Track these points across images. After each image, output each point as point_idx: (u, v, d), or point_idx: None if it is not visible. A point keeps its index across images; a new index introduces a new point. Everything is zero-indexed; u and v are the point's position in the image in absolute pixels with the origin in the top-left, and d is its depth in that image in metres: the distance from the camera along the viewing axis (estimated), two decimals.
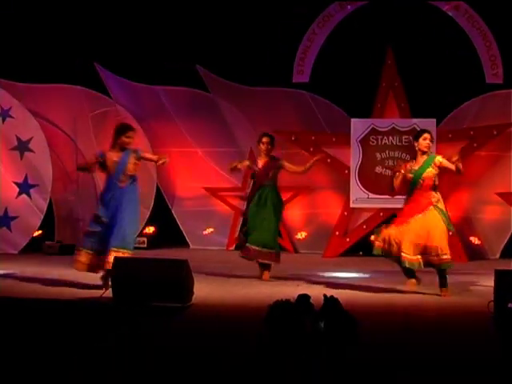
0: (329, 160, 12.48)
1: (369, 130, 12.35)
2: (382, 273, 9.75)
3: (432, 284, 9.02)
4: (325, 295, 5.51)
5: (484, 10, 12.22)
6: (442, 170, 8.31)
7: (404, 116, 12.37)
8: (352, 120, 12.41)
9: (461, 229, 12.14)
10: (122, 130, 8.57)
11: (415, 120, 12.24)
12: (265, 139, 9.66)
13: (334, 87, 12.44)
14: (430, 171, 8.24)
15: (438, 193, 8.31)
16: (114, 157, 8.42)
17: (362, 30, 12.40)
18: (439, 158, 8.31)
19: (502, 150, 12.10)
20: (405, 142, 12.21)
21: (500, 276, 7.12)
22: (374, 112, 12.48)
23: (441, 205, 8.32)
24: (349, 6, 12.67)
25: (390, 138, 12.22)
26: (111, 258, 7.83)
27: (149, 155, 9.10)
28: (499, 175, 12.05)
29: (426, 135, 8.32)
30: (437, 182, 8.27)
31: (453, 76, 11.97)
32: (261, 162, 9.61)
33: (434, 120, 12.18)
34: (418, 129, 12.05)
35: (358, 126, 12.38)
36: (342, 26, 12.65)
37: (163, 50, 12.61)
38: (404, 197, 8.51)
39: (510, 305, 6.77)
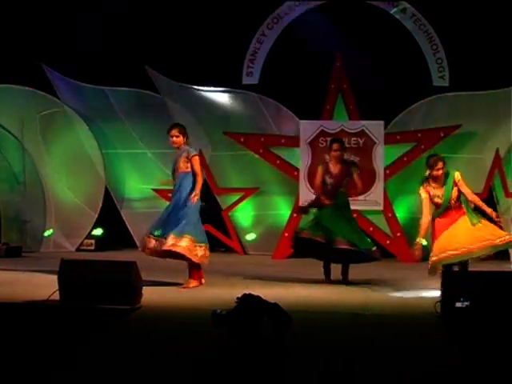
0: (278, 162, 12.53)
1: (318, 131, 12.41)
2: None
3: (381, 284, 9.13)
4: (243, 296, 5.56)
5: (430, 14, 12.37)
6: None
7: (353, 118, 12.46)
8: (301, 122, 12.47)
9: (409, 230, 12.27)
10: (167, 130, 8.96)
11: (364, 122, 12.35)
12: (335, 146, 9.46)
13: (283, 89, 12.48)
14: (454, 191, 8.25)
15: (464, 201, 8.31)
16: (174, 155, 9.01)
17: (311, 33, 12.45)
18: (458, 176, 8.28)
19: (448, 152, 12.24)
20: (353, 143, 12.30)
21: (447, 276, 7.20)
22: (323, 114, 12.55)
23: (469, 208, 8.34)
24: (297, 8, 12.73)
25: None
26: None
27: (194, 164, 8.85)
28: None
29: (440, 165, 8.25)
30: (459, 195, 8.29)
31: (400, 79, 12.10)
32: (335, 170, 9.41)
33: (382, 122, 12.31)
34: (367, 131, 12.29)
35: (308, 128, 12.44)
36: (291, 28, 12.71)
37: (111, 50, 12.52)
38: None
39: (456, 304, 6.85)
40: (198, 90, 12.80)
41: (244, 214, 12.94)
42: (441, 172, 8.28)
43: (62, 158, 12.98)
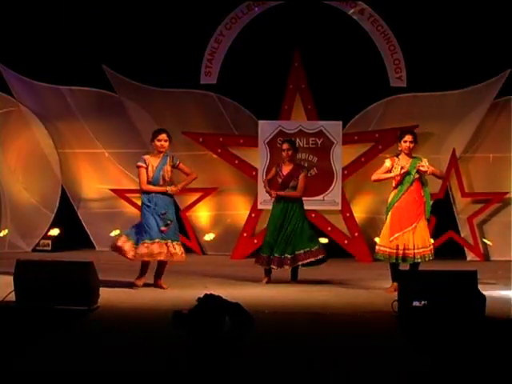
0: (236, 161, 12.51)
1: (276, 131, 12.42)
2: (288, 274, 9.80)
3: (339, 284, 9.17)
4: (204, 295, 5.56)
5: (388, 15, 12.46)
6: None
7: (311, 118, 12.48)
8: (259, 122, 12.47)
9: (365, 229, 12.37)
10: (154, 134, 8.92)
11: (322, 122, 12.39)
12: (285, 146, 9.50)
13: (241, 89, 12.47)
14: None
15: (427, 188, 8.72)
16: (153, 162, 8.80)
17: (269, 33, 12.47)
18: (425, 162, 8.68)
19: None
20: (312, 144, 12.34)
21: (403, 276, 7.25)
22: (282, 114, 12.56)
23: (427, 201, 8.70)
24: (256, 8, 12.72)
25: (298, 139, 12.29)
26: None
27: (184, 167, 9.09)
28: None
29: (407, 137, 8.64)
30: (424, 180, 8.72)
31: (358, 79, 12.15)
32: (285, 170, 9.47)
33: (340, 122, 12.35)
34: (325, 131, 12.34)
35: (266, 128, 12.44)
36: (249, 27, 12.70)
37: (68, 48, 12.41)
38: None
39: (413, 303, 6.90)
40: (156, 89, 12.72)
41: (202, 214, 12.91)
42: (408, 145, 8.62)
43: (18, 158, 12.82)
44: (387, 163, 8.71)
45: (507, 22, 11.86)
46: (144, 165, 8.81)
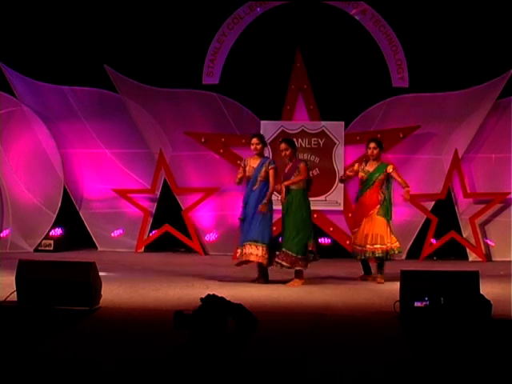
0: (238, 162, 12.49)
1: (278, 132, 12.42)
2: (290, 274, 9.80)
3: (341, 284, 9.17)
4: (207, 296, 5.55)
5: (390, 15, 12.45)
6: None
7: (313, 118, 12.49)
8: (262, 122, 12.47)
9: None
10: (250, 138, 9.53)
11: (324, 122, 12.40)
12: (282, 146, 9.48)
13: (243, 89, 12.48)
14: (380, 175, 9.40)
15: (387, 193, 9.48)
16: (253, 163, 9.33)
17: (271, 33, 12.48)
18: (390, 169, 9.45)
19: (408, 153, 12.36)
20: (314, 144, 12.35)
21: (405, 276, 7.25)
22: (284, 114, 12.57)
23: (386, 203, 9.43)
24: (258, 9, 12.73)
25: (300, 140, 12.31)
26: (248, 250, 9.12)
27: (271, 178, 9.27)
28: (405, 177, 12.26)
29: (370, 144, 9.49)
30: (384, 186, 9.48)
31: (360, 79, 12.16)
32: (286, 169, 9.52)
33: (343, 123, 12.37)
34: (327, 131, 12.35)
35: (268, 128, 12.45)
36: (251, 28, 12.71)
37: (70, 48, 12.42)
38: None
39: (416, 304, 6.89)
40: (158, 89, 12.73)
41: (204, 214, 12.90)
42: (370, 152, 9.46)
43: (20, 158, 12.82)
44: (355, 167, 9.61)
45: (510, 23, 11.86)
46: (243, 165, 9.40)
